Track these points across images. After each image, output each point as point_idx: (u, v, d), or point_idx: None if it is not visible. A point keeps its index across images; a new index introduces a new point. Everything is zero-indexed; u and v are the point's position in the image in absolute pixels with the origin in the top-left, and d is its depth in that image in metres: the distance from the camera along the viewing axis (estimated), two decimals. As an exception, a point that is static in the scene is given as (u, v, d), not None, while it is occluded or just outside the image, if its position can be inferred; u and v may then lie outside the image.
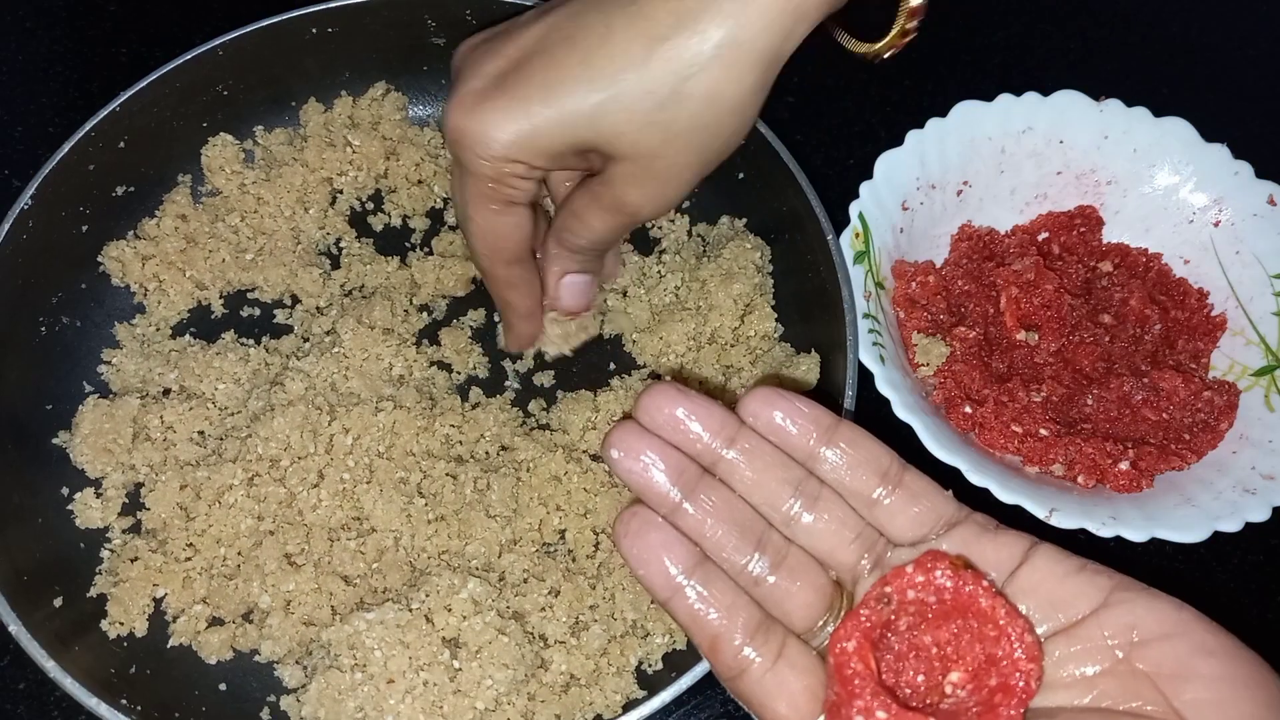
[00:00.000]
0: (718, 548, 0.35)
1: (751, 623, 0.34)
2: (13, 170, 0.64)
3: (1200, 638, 0.31)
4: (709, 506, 0.35)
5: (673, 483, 0.35)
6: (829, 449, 0.36)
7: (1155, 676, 0.31)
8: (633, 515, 0.35)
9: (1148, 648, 0.31)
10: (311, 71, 0.63)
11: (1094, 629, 0.32)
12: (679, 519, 0.35)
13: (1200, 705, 0.30)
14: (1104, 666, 0.32)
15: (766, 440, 0.36)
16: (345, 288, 0.59)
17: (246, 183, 0.61)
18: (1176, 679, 0.31)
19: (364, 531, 0.51)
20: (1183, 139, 0.60)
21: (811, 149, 0.69)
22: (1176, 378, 0.56)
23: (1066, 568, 0.33)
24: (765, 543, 0.35)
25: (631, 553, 0.34)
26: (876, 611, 0.33)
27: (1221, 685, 0.30)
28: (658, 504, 0.35)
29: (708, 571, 0.34)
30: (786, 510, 0.36)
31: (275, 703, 0.49)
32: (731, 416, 0.36)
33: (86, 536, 0.52)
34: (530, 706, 0.47)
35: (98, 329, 0.57)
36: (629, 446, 0.35)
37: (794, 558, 0.35)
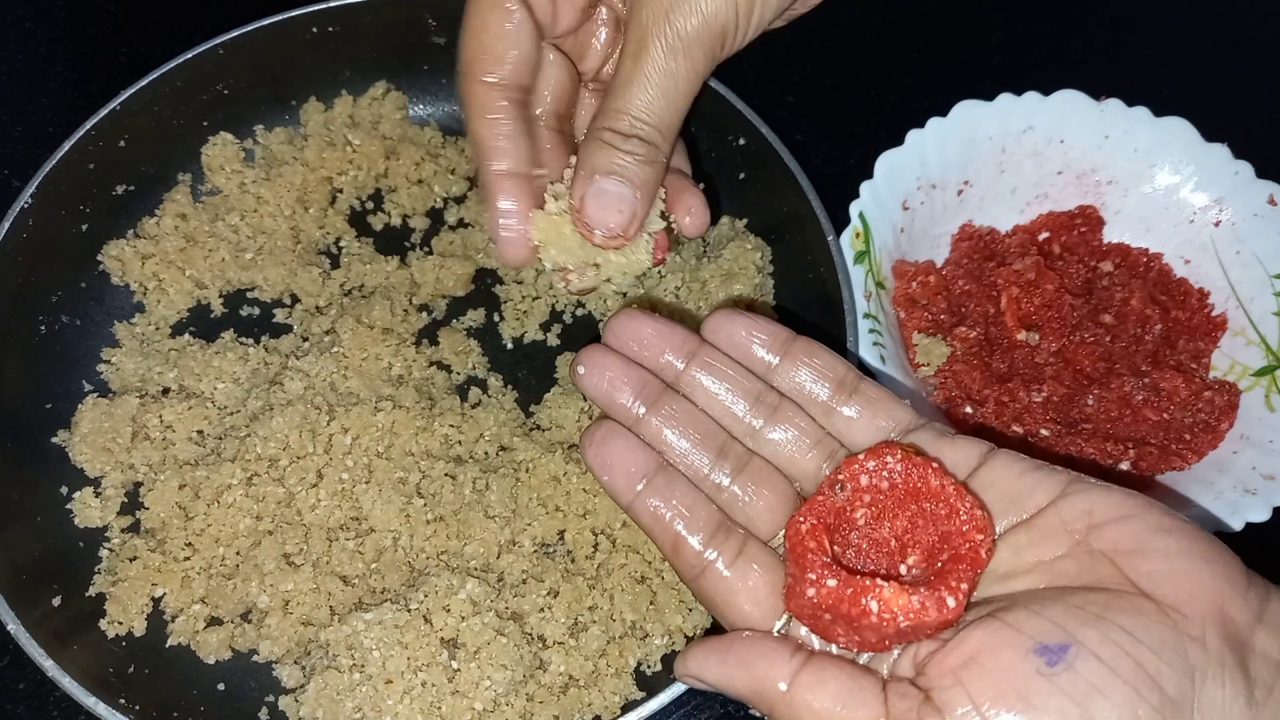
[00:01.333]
0: (680, 456, 0.36)
1: (712, 523, 0.35)
2: (12, 170, 0.64)
3: (1157, 519, 0.32)
4: (670, 417, 0.36)
5: (635, 396, 0.36)
6: (787, 362, 0.37)
7: (1112, 554, 0.31)
8: (597, 426, 0.36)
9: (1104, 529, 0.32)
10: (312, 71, 0.63)
11: (1051, 517, 0.33)
12: (642, 430, 0.36)
13: (1156, 576, 0.30)
14: (1062, 551, 0.32)
15: (727, 356, 0.37)
16: (345, 287, 0.59)
17: (246, 182, 0.61)
18: (1133, 554, 0.31)
19: (363, 531, 0.51)
20: (1183, 139, 0.60)
21: (811, 149, 0.69)
22: (1177, 378, 0.56)
23: (1024, 466, 0.34)
24: (726, 451, 0.36)
25: (596, 460, 0.35)
26: (830, 497, 0.34)
27: (1179, 559, 0.31)
28: (621, 416, 0.36)
29: (669, 475, 0.35)
30: (747, 422, 0.37)
31: (274, 703, 0.49)
32: (693, 336, 0.37)
33: (85, 535, 0.52)
34: (529, 707, 0.47)
35: (97, 328, 0.57)
36: (594, 363, 0.36)
37: (755, 466, 0.36)
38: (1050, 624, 0.29)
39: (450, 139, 0.64)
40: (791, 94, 0.71)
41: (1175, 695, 0.28)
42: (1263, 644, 0.30)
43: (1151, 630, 0.29)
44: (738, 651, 0.33)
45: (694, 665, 0.33)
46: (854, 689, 0.30)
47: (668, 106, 0.38)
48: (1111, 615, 0.29)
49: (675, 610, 0.50)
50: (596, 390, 0.36)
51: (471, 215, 0.62)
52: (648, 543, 0.51)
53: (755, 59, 0.74)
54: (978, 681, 0.29)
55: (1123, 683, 0.28)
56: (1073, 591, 0.31)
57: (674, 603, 0.50)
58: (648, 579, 0.51)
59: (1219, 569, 0.31)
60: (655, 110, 0.38)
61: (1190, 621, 0.29)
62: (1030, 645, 0.29)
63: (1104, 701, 0.28)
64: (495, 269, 0.61)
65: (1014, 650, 0.29)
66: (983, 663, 0.29)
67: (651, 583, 0.51)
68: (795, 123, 0.70)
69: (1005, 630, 0.30)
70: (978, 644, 0.30)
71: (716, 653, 0.33)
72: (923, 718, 0.29)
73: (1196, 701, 0.28)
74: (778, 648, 0.32)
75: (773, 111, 0.58)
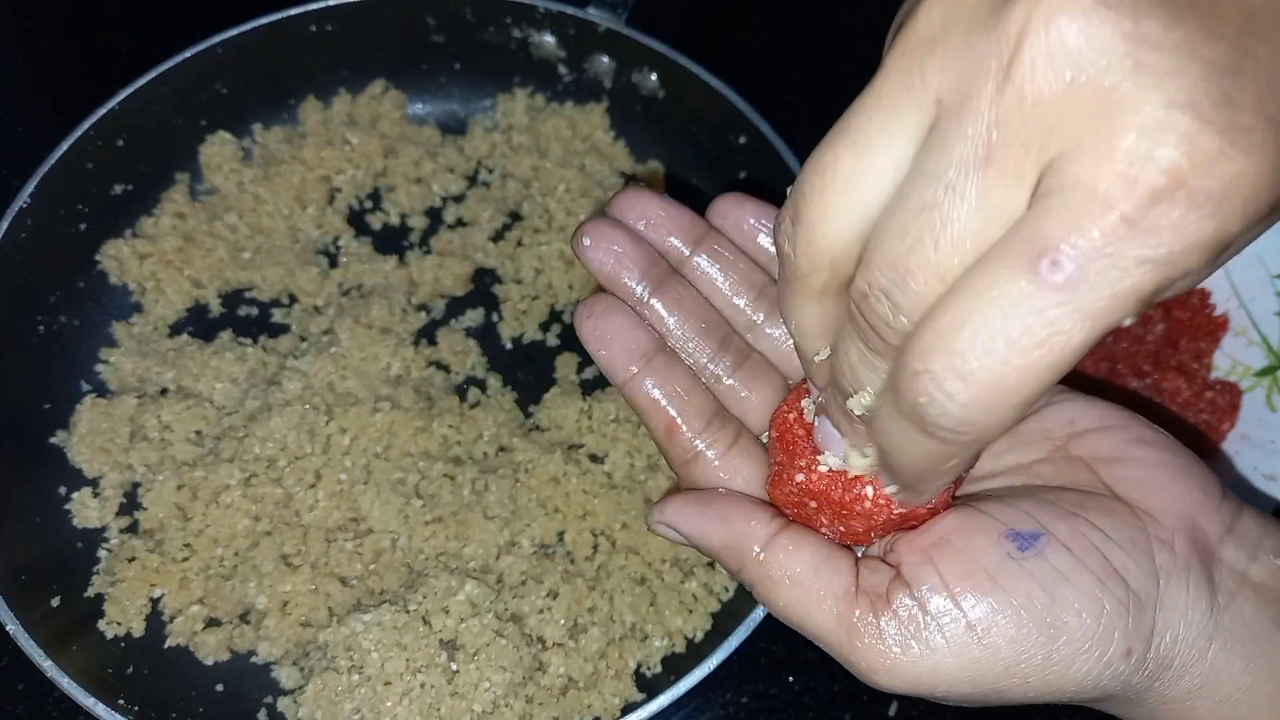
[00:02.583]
0: (681, 341, 0.35)
1: (708, 411, 0.34)
2: (11, 169, 0.64)
3: (1138, 431, 0.32)
4: (675, 301, 0.35)
5: (642, 277, 0.34)
6: None
7: (1090, 460, 0.31)
8: (597, 299, 0.34)
9: (1085, 438, 0.32)
10: (310, 69, 0.62)
11: (1033, 424, 0.33)
12: (644, 312, 0.35)
13: (1131, 482, 0.30)
14: (1040, 455, 0.32)
15: (734, 244, 0.36)
16: (343, 287, 0.59)
17: (245, 181, 0.61)
18: (1111, 462, 0.31)
19: (361, 532, 0.51)
20: (1185, 138, 0.59)
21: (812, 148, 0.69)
22: (1179, 378, 0.56)
23: None
24: (728, 344, 0.35)
25: (593, 334, 0.34)
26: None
27: (1156, 469, 0.31)
28: (625, 295, 0.35)
29: (669, 358, 0.34)
30: (749, 315, 0.36)
31: (272, 704, 0.49)
32: (701, 220, 0.36)
33: (84, 536, 0.52)
34: (528, 709, 0.47)
35: (95, 328, 0.57)
36: (600, 235, 0.34)
37: (754, 362, 0.35)
38: (1023, 514, 0.29)
39: (449, 137, 0.64)
40: (792, 94, 0.71)
41: (1139, 592, 0.28)
42: (1230, 555, 0.30)
43: (1122, 530, 0.29)
44: (718, 505, 0.32)
45: (671, 513, 0.33)
46: (828, 558, 0.30)
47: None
48: (1084, 512, 0.30)
49: (675, 612, 0.50)
50: (601, 265, 0.34)
51: (470, 214, 0.62)
52: (648, 544, 0.51)
53: (755, 59, 0.74)
54: (948, 561, 0.29)
55: (1090, 574, 0.28)
56: (1048, 490, 0.31)
57: (674, 604, 0.50)
58: (648, 580, 0.51)
59: (1195, 481, 0.31)
60: None
61: (1161, 526, 0.30)
62: (1002, 530, 0.29)
63: (1070, 590, 0.28)
64: (494, 268, 0.61)
65: (986, 534, 0.29)
66: (954, 543, 0.29)
67: (651, 584, 0.51)
68: (795, 123, 0.70)
69: (978, 515, 0.30)
70: (950, 527, 0.30)
71: (696, 504, 0.33)
72: (892, 592, 0.29)
73: (1160, 601, 0.29)
74: (758, 508, 0.32)
75: (773, 111, 0.58)
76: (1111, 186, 0.20)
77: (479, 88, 0.65)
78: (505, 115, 0.64)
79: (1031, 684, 0.28)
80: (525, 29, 0.62)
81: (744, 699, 0.52)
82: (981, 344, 0.21)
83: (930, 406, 0.22)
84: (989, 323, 0.21)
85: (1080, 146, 0.20)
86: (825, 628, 0.30)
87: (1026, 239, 0.21)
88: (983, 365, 0.21)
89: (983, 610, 0.28)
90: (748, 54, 0.74)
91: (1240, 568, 0.30)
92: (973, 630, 0.28)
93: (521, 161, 0.63)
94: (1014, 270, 0.21)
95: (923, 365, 0.22)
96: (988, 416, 0.22)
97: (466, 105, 0.65)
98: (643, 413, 0.34)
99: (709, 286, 0.36)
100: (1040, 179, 0.21)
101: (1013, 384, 0.21)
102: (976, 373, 0.21)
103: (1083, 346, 0.21)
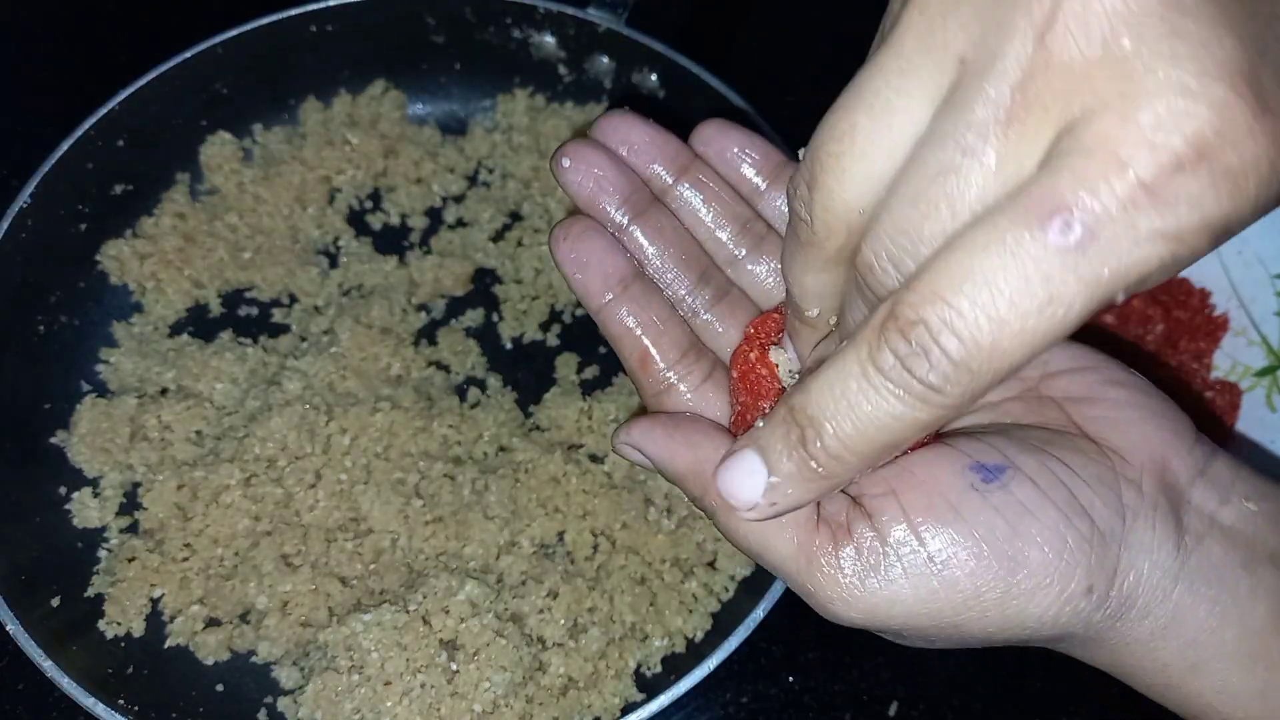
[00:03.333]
0: (660, 272, 0.34)
1: (683, 343, 0.33)
2: (11, 169, 0.64)
3: (1111, 372, 0.31)
4: (656, 230, 0.34)
5: (622, 201, 0.33)
6: (777, 188, 0.35)
7: (1062, 400, 0.31)
8: (574, 221, 0.33)
9: (1057, 378, 0.31)
10: (310, 70, 0.62)
11: None
12: (623, 239, 0.34)
13: (1101, 421, 0.30)
14: (1011, 394, 0.32)
15: (717, 174, 0.35)
16: (343, 287, 0.59)
17: (245, 181, 0.61)
18: (1082, 401, 0.31)
19: (361, 532, 0.51)
20: (1185, 138, 0.59)
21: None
22: (1179, 378, 0.56)
23: None
24: (708, 277, 0.34)
25: (569, 256, 0.33)
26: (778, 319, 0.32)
27: (1127, 409, 0.30)
28: (604, 220, 0.33)
29: (646, 286, 0.33)
30: (731, 248, 0.35)
31: (272, 704, 0.48)
32: (686, 148, 0.35)
33: (84, 536, 0.52)
34: (528, 709, 0.47)
35: (95, 328, 0.57)
36: (582, 158, 0.33)
37: (733, 297, 0.35)
38: (989, 447, 0.29)
39: (449, 138, 0.64)
40: (791, 94, 0.71)
41: (1104, 529, 0.28)
42: (1199, 498, 0.30)
43: (1089, 467, 0.29)
44: (685, 430, 0.32)
45: (637, 435, 0.32)
46: None
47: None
48: (1051, 448, 0.29)
49: (675, 612, 0.50)
50: (581, 188, 0.33)
51: (470, 214, 0.62)
52: (648, 544, 0.51)
53: (755, 59, 0.74)
54: (909, 492, 0.28)
55: (1054, 508, 0.28)
56: (1016, 427, 0.31)
57: (674, 604, 0.50)
58: (648, 580, 0.51)
59: (1167, 423, 0.31)
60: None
61: (1129, 466, 0.29)
62: (967, 462, 0.29)
63: (1034, 523, 0.28)
64: (494, 269, 0.61)
65: (950, 466, 0.29)
66: (917, 474, 0.29)
67: (651, 584, 0.51)
68: (795, 122, 0.70)
69: (943, 448, 0.29)
70: (915, 457, 0.29)
71: (663, 426, 0.32)
72: (851, 520, 0.29)
73: (1125, 539, 0.29)
74: (726, 436, 0.31)
75: (773, 111, 0.58)
76: (1134, 150, 0.19)
77: (479, 88, 0.65)
78: (505, 115, 0.64)
79: (990, 618, 0.28)
80: (525, 29, 0.62)
81: (744, 699, 0.52)
82: (982, 301, 0.20)
83: (916, 361, 0.22)
84: (991, 280, 0.20)
85: (1105, 109, 0.19)
86: (784, 555, 0.29)
87: (1039, 197, 0.20)
88: (978, 323, 0.21)
89: (942, 541, 0.28)
90: (748, 54, 0.74)
91: (1210, 510, 0.30)
92: (932, 562, 0.28)
93: (522, 161, 0.63)
94: (1022, 228, 0.20)
95: (917, 316, 0.21)
96: (971, 380, 0.21)
97: (466, 105, 0.65)
98: (616, 340, 0.33)
99: (691, 217, 0.35)
100: (1057, 140, 0.20)
101: (1005, 348, 0.21)
102: (971, 330, 0.21)
103: (1079, 318, 0.20)
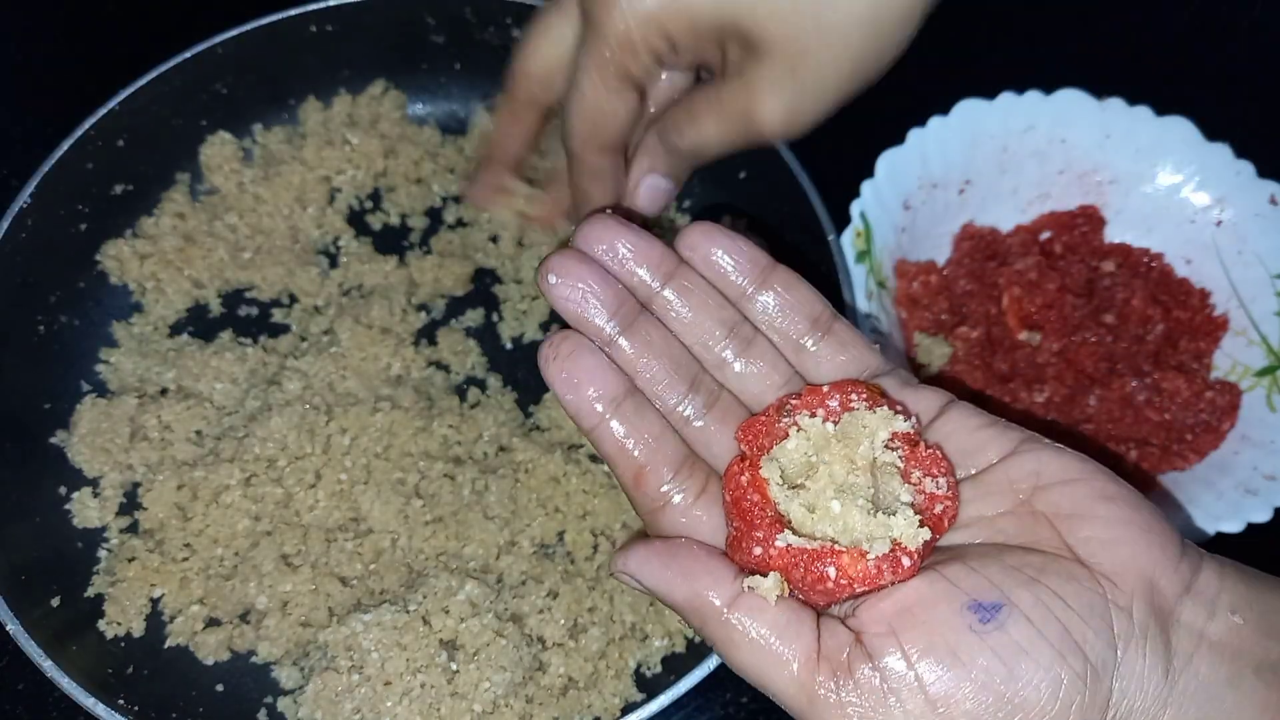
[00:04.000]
0: (651, 384, 0.34)
1: (678, 458, 0.33)
2: (11, 169, 0.64)
3: (1101, 485, 0.32)
4: (645, 343, 0.34)
5: (610, 315, 0.33)
6: (763, 291, 0.36)
7: (1053, 517, 0.31)
8: (564, 338, 0.33)
9: (1048, 491, 0.32)
10: (310, 69, 0.62)
11: (1000, 474, 0.33)
12: (613, 353, 0.34)
13: (1091, 543, 0.30)
14: (1004, 508, 0.32)
15: (703, 279, 0.35)
16: (343, 287, 0.59)
17: (245, 181, 0.61)
18: (1073, 519, 0.31)
19: (361, 532, 0.51)
20: (1185, 138, 0.59)
21: (812, 148, 0.69)
22: (1179, 378, 0.56)
23: (980, 421, 0.34)
24: (698, 384, 0.35)
25: (560, 376, 0.33)
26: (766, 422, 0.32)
27: (1116, 527, 0.31)
28: (593, 335, 0.34)
29: (639, 402, 0.33)
30: (719, 353, 0.35)
31: (272, 704, 0.48)
32: (671, 253, 0.35)
33: (84, 536, 0.52)
34: (528, 709, 0.47)
35: (96, 328, 0.57)
36: (567, 272, 0.33)
37: (725, 402, 0.35)
38: (986, 582, 0.29)
39: (449, 138, 0.64)
40: (792, 93, 0.71)
41: (1097, 663, 0.28)
42: (1188, 616, 0.30)
43: (1082, 597, 0.29)
44: (682, 560, 0.32)
45: (635, 564, 0.32)
46: (791, 620, 0.30)
47: (718, 145, 0.45)
48: (1045, 579, 0.29)
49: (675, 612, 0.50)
50: (568, 304, 0.33)
51: (470, 214, 0.62)
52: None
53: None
54: (910, 631, 0.29)
55: (1049, 646, 0.28)
56: (1010, 551, 0.31)
57: (673, 604, 0.50)
58: (647, 580, 0.51)
59: (1155, 539, 0.31)
60: (709, 144, 0.45)
61: (1120, 591, 0.30)
62: (965, 601, 0.29)
63: (1029, 663, 0.28)
64: (494, 269, 0.61)
65: (949, 605, 0.29)
66: (916, 614, 0.29)
67: (651, 584, 0.51)
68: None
69: (942, 583, 0.30)
70: (914, 594, 0.30)
71: (660, 556, 0.32)
72: (853, 660, 0.29)
73: (1117, 670, 0.29)
74: (723, 566, 0.31)
75: (773, 111, 0.58)
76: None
77: (479, 88, 0.65)
78: (505, 115, 0.64)
79: None
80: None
81: (744, 699, 0.52)
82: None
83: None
84: None
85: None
86: (786, 692, 0.30)
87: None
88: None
89: (943, 685, 0.28)
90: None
91: (1199, 626, 0.30)
92: (932, 705, 0.28)
93: (522, 161, 0.63)
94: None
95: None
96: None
97: (466, 105, 0.65)
98: (610, 459, 0.34)
99: (678, 323, 0.35)
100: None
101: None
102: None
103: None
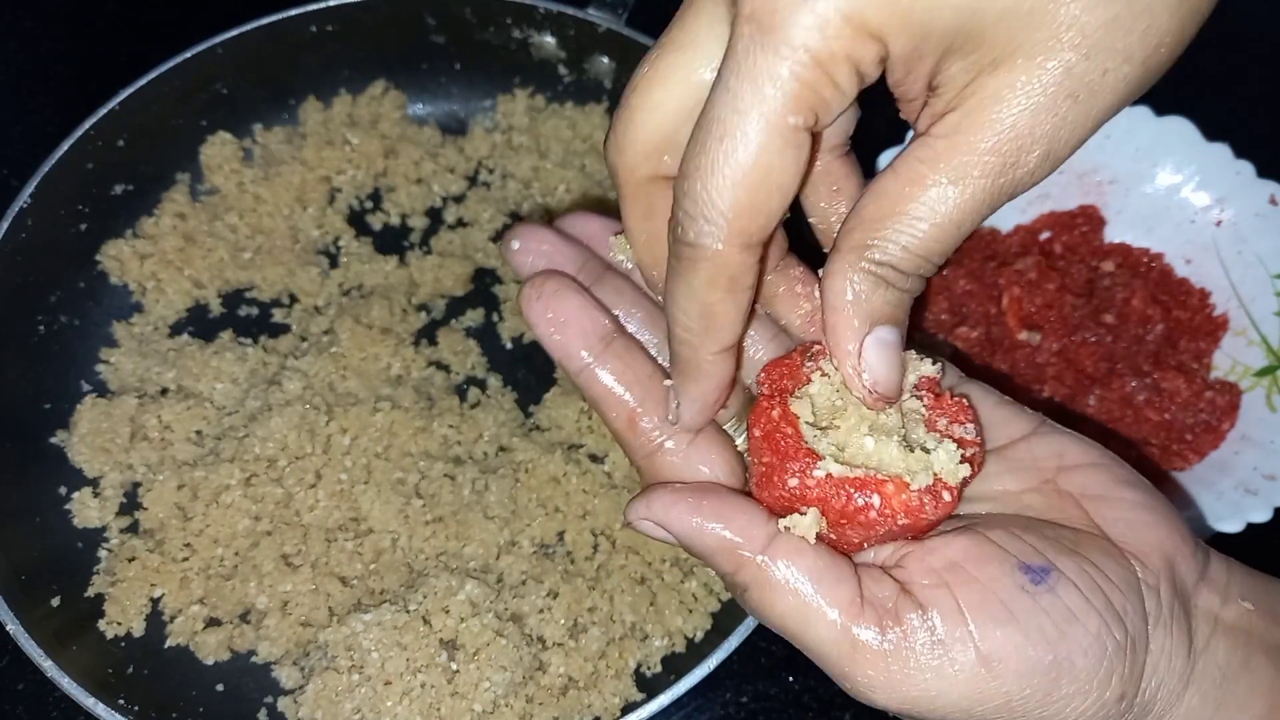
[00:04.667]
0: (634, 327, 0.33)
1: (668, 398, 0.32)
2: (12, 169, 0.64)
3: (1121, 472, 0.32)
4: (615, 291, 0.33)
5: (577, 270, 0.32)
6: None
7: (1079, 497, 0.31)
8: (547, 277, 0.31)
9: (1073, 473, 0.32)
10: (311, 70, 0.62)
11: (1023, 452, 0.33)
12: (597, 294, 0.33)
13: (1120, 524, 0.31)
14: (1030, 485, 0.32)
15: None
16: (343, 287, 0.59)
17: (245, 181, 0.61)
18: (1100, 500, 0.31)
19: (361, 532, 0.51)
20: (1185, 138, 0.59)
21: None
22: (1178, 378, 0.56)
23: (996, 399, 0.34)
24: None
25: (543, 316, 0.31)
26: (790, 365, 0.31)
27: (1141, 511, 0.31)
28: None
29: (628, 342, 0.32)
30: None
31: (273, 704, 0.48)
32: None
33: (84, 536, 0.52)
34: (528, 709, 0.47)
35: (96, 328, 0.57)
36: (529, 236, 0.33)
37: None
38: (1030, 548, 0.29)
39: (449, 138, 0.64)
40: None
41: (1135, 635, 0.29)
42: (1204, 600, 0.31)
43: (1118, 571, 0.29)
44: (712, 503, 0.29)
45: (660, 509, 0.29)
46: (831, 565, 0.29)
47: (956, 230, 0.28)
48: (1083, 550, 0.30)
49: (675, 612, 0.50)
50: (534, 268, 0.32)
51: (470, 214, 0.62)
52: (648, 544, 0.51)
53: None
54: (963, 587, 0.28)
55: (1096, 614, 0.28)
56: (1042, 523, 0.31)
57: (674, 604, 0.50)
58: (647, 580, 0.51)
59: (1174, 526, 0.31)
60: (944, 234, 0.28)
61: (1147, 570, 0.30)
62: (1014, 562, 0.29)
63: (1079, 629, 0.28)
64: (494, 268, 0.61)
65: (999, 565, 0.29)
66: (968, 569, 0.29)
67: (651, 584, 0.51)
68: (795, 122, 0.70)
69: (988, 544, 0.29)
70: (961, 551, 0.29)
71: (687, 500, 0.29)
72: (901, 609, 0.28)
73: (1149, 645, 0.29)
74: (755, 507, 0.29)
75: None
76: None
77: (479, 88, 0.65)
78: (505, 116, 0.64)
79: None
80: (525, 29, 0.62)
81: (744, 699, 0.52)
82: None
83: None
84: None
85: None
86: (825, 638, 0.28)
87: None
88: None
89: (996, 642, 0.27)
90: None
91: (1215, 611, 0.31)
92: (985, 660, 0.27)
93: (522, 162, 0.63)
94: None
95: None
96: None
97: (466, 105, 0.66)
98: (599, 402, 0.32)
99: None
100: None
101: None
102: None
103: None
